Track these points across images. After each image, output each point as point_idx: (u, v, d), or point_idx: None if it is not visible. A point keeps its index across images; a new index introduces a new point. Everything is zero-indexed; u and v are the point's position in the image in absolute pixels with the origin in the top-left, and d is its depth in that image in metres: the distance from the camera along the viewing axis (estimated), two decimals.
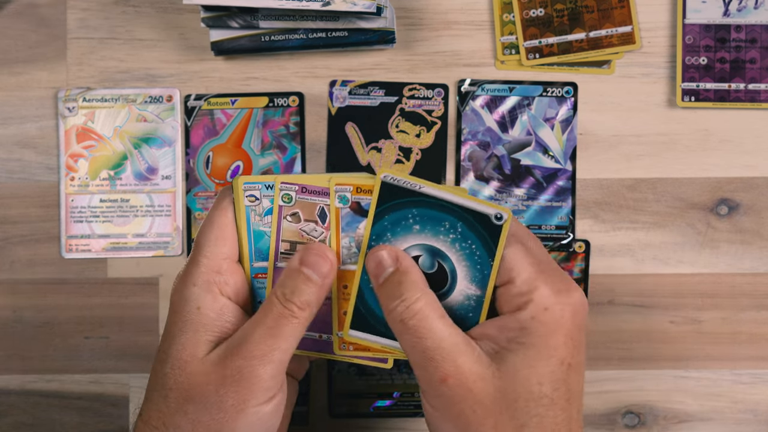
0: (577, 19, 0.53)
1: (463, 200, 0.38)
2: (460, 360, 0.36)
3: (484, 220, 0.38)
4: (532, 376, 0.36)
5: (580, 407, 0.38)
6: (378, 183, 0.39)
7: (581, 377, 0.38)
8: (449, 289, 0.39)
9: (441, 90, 0.53)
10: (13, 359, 0.54)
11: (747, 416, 0.53)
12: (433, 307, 0.37)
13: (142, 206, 0.54)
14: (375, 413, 0.53)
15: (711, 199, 0.53)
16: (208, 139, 0.54)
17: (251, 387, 0.36)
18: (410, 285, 0.37)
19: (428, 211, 0.39)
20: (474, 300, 0.39)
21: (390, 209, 0.39)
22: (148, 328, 0.54)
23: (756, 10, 0.53)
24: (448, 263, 0.39)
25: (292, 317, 0.37)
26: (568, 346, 0.37)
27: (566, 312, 0.37)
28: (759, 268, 0.53)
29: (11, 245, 0.54)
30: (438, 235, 0.39)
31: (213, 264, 0.39)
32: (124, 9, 0.54)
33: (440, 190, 0.39)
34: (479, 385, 0.36)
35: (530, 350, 0.36)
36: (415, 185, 0.39)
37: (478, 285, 0.39)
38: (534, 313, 0.37)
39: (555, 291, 0.37)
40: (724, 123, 0.53)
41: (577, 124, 0.53)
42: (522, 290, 0.37)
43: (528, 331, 0.36)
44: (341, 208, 0.39)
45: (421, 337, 0.36)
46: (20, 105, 0.54)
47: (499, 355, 0.37)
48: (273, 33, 0.51)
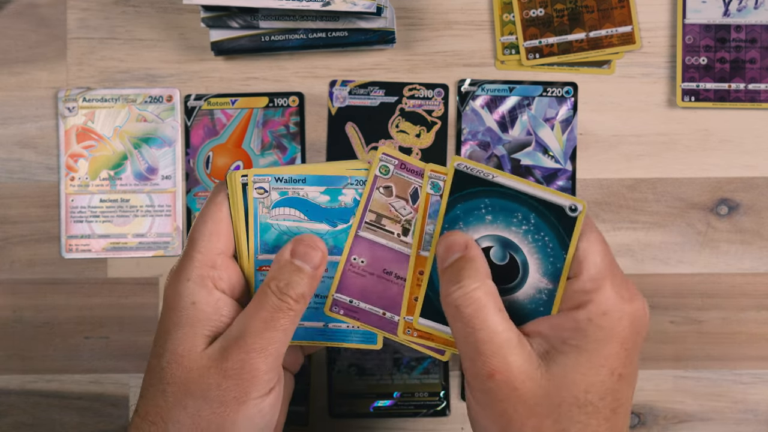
0: (577, 19, 0.53)
1: (537, 191, 0.38)
2: (510, 357, 0.35)
3: (558, 211, 0.37)
4: (580, 382, 0.35)
5: (626, 419, 0.37)
6: (451, 170, 0.38)
7: (631, 388, 0.37)
8: (521, 281, 0.38)
9: (441, 90, 0.53)
10: (13, 359, 0.54)
11: (747, 416, 0.53)
12: (492, 299, 0.36)
13: (142, 206, 0.54)
14: (375, 413, 0.53)
15: (711, 199, 0.53)
16: (208, 139, 0.54)
17: (252, 380, 0.36)
18: (472, 272, 0.36)
19: (501, 202, 0.38)
20: (546, 293, 0.38)
21: (463, 198, 0.38)
22: (148, 328, 0.54)
23: (756, 10, 0.53)
24: (520, 255, 0.38)
25: (288, 309, 0.37)
26: (621, 355, 0.36)
27: (625, 320, 0.36)
28: (759, 268, 0.53)
29: (11, 245, 0.54)
30: (510, 226, 0.38)
31: (207, 259, 0.39)
32: (124, 9, 0.54)
33: (513, 180, 0.38)
34: (526, 385, 0.35)
35: (582, 355, 0.35)
36: (489, 174, 0.38)
37: (550, 278, 0.38)
38: (592, 315, 0.36)
39: (618, 295, 0.36)
40: (724, 123, 0.53)
41: (577, 124, 0.53)
42: (586, 287, 0.36)
43: (583, 334, 0.35)
44: (432, 195, 0.39)
45: (474, 328, 0.35)
46: (20, 105, 0.54)
47: (549, 356, 0.36)
48: (273, 33, 0.51)
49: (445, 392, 0.53)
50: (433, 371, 0.53)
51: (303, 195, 0.40)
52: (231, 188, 0.40)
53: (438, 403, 0.53)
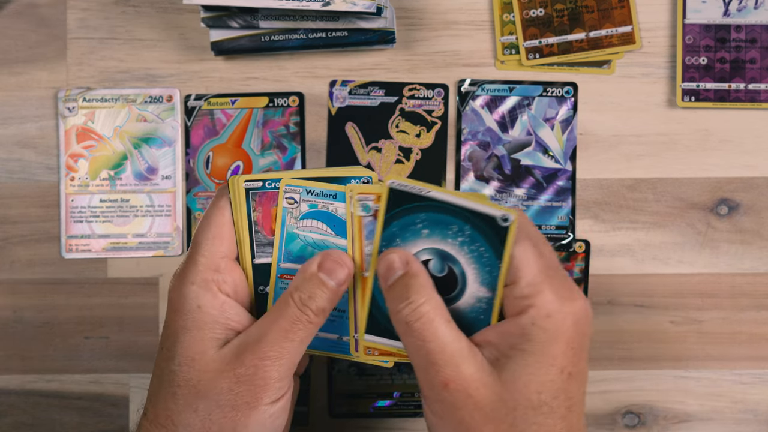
0: (577, 19, 0.53)
1: (470, 203, 0.38)
2: (463, 366, 0.36)
3: (492, 222, 0.38)
4: (531, 384, 0.36)
5: (581, 415, 0.37)
6: (386, 190, 0.39)
7: (582, 385, 0.37)
8: (460, 292, 0.39)
9: (441, 90, 0.53)
10: (13, 359, 0.54)
11: (747, 416, 0.53)
12: (439, 312, 0.37)
13: (142, 206, 0.54)
14: (375, 413, 0.53)
15: (711, 199, 0.53)
16: (208, 139, 0.54)
17: (264, 386, 0.36)
18: (418, 288, 0.37)
19: (436, 215, 0.39)
20: (485, 302, 0.39)
21: (399, 215, 0.39)
22: (148, 328, 0.54)
23: (756, 10, 0.53)
24: (457, 266, 0.39)
25: (308, 322, 0.37)
26: (568, 354, 0.36)
27: (568, 319, 0.36)
28: (759, 268, 0.53)
29: (11, 245, 0.54)
30: (447, 239, 0.39)
31: (211, 263, 0.39)
32: (124, 9, 0.54)
33: (447, 194, 0.39)
34: (480, 392, 0.36)
35: (530, 357, 0.36)
36: (422, 190, 0.39)
37: (489, 287, 0.39)
38: (535, 318, 0.36)
39: (558, 297, 0.37)
40: (724, 123, 0.53)
41: (577, 124, 0.53)
42: (525, 293, 0.37)
43: (528, 338, 0.36)
44: (364, 216, 0.40)
45: (425, 340, 0.36)
46: (20, 105, 0.54)
47: (500, 362, 0.36)
48: (273, 33, 0.51)
49: None
50: None
51: (332, 210, 0.40)
52: (233, 192, 0.40)
53: None
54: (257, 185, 0.40)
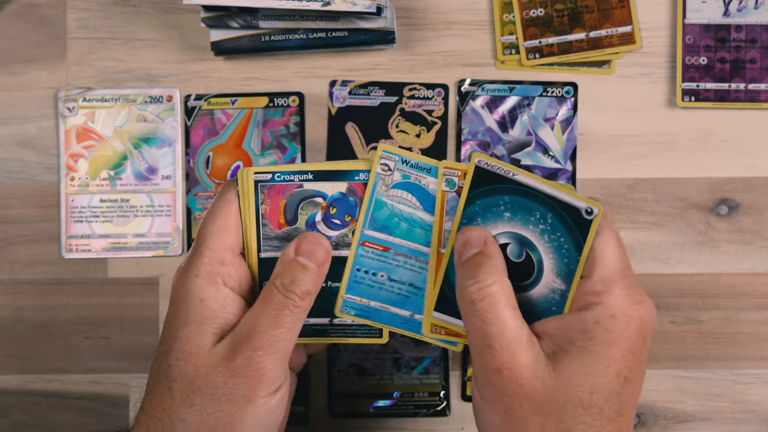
0: (577, 19, 0.53)
1: (554, 191, 0.38)
2: (519, 353, 0.35)
3: (575, 213, 0.38)
4: (585, 383, 0.35)
5: (630, 421, 0.37)
6: (472, 167, 0.38)
7: (637, 392, 0.37)
8: (535, 280, 0.38)
9: (441, 90, 0.53)
10: (13, 359, 0.54)
11: (747, 416, 0.53)
12: (506, 295, 0.36)
13: (142, 206, 0.54)
14: (375, 413, 0.53)
15: (711, 199, 0.53)
16: (208, 139, 0.54)
17: (260, 378, 0.36)
18: (489, 268, 0.37)
19: (520, 200, 0.38)
20: (559, 294, 0.38)
21: (482, 194, 0.39)
22: (148, 328, 0.54)
23: (756, 10, 0.53)
24: (536, 254, 0.38)
25: (294, 307, 0.37)
26: (628, 359, 0.36)
27: (632, 324, 0.36)
28: (759, 268, 0.53)
29: (11, 245, 0.54)
30: (528, 225, 0.38)
31: (216, 255, 0.39)
32: (124, 9, 0.54)
33: (533, 179, 0.38)
34: (532, 383, 0.35)
35: (588, 357, 0.35)
36: (509, 171, 0.38)
37: (564, 279, 0.38)
38: (599, 317, 0.36)
39: (627, 299, 0.36)
40: (724, 123, 0.53)
41: (577, 124, 0.53)
42: (596, 288, 0.37)
43: (590, 336, 0.36)
44: (447, 192, 0.39)
45: (486, 322, 0.36)
46: (20, 105, 0.54)
47: (557, 356, 0.36)
48: (273, 33, 0.51)
49: (445, 392, 0.53)
50: (433, 371, 0.53)
51: (424, 184, 0.40)
52: (242, 185, 0.40)
53: (438, 403, 0.53)
54: (266, 177, 0.40)
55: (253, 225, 0.40)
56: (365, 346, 0.53)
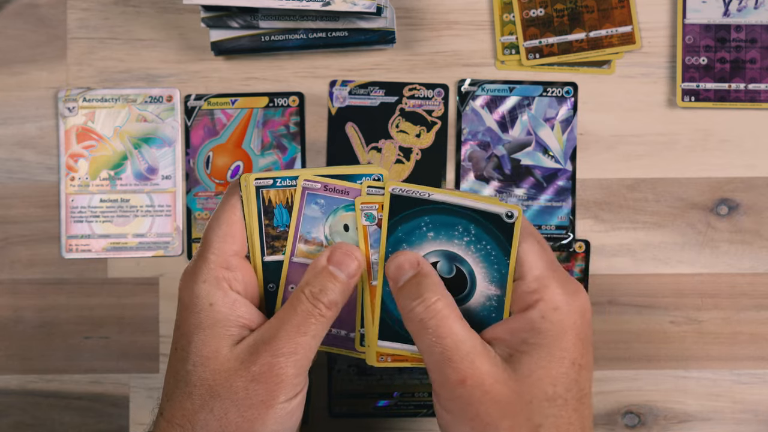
0: (577, 19, 0.53)
1: (472, 202, 0.38)
2: (478, 361, 0.36)
3: (496, 219, 0.38)
4: (545, 377, 0.36)
5: (590, 407, 0.38)
6: (387, 196, 0.39)
7: (591, 377, 0.38)
8: (470, 292, 0.39)
9: (441, 90, 0.53)
10: (13, 359, 0.54)
11: (747, 416, 0.53)
12: (452, 309, 0.37)
13: (142, 206, 0.54)
14: (375, 413, 0.53)
15: (711, 199, 0.53)
16: (208, 139, 0.54)
17: (280, 383, 0.36)
18: (430, 286, 0.37)
19: (441, 217, 0.39)
20: (495, 300, 0.39)
21: (403, 220, 0.39)
22: (148, 328, 0.54)
23: (756, 10, 0.53)
24: (465, 266, 0.39)
25: (320, 316, 0.37)
26: (578, 346, 0.37)
27: (575, 312, 0.37)
28: (759, 268, 0.53)
29: (11, 245, 0.54)
30: (453, 240, 0.39)
31: (222, 260, 0.39)
32: (124, 9, 0.54)
33: (449, 195, 0.39)
34: (496, 387, 0.36)
35: (542, 351, 0.36)
36: (424, 193, 0.39)
37: (498, 285, 0.39)
38: (544, 312, 0.37)
39: (564, 290, 0.37)
40: (724, 123, 0.53)
41: (577, 124, 0.53)
42: (532, 287, 0.38)
43: (539, 331, 0.37)
44: (368, 226, 0.40)
45: (440, 337, 0.36)
46: (20, 105, 0.54)
47: (513, 358, 0.37)
48: (273, 33, 0.51)
49: None
50: None
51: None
52: (245, 190, 0.40)
53: None
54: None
55: (256, 229, 0.40)
56: None
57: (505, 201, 0.51)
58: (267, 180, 0.40)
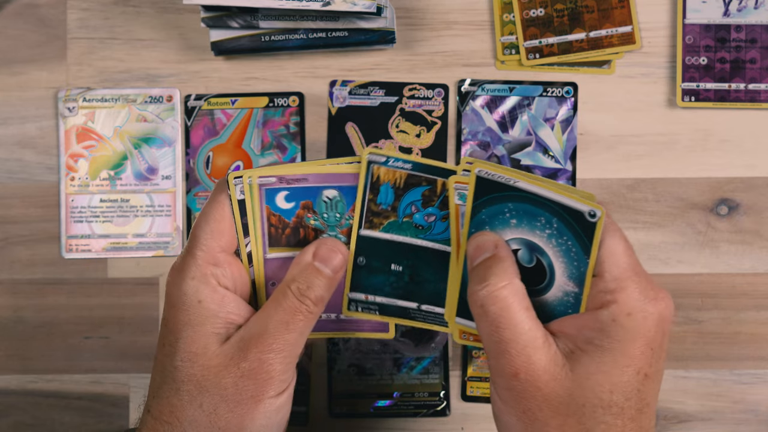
0: (577, 19, 0.53)
1: (556, 195, 0.37)
2: (535, 356, 0.35)
3: (578, 216, 0.37)
4: (604, 382, 0.35)
5: (652, 418, 0.36)
6: (473, 177, 0.38)
7: (657, 388, 0.37)
8: (548, 284, 0.38)
9: (441, 90, 0.53)
10: (13, 359, 0.54)
11: (747, 416, 0.53)
12: (518, 298, 0.36)
13: (142, 206, 0.54)
14: (375, 413, 0.53)
15: (711, 199, 0.53)
16: (208, 139, 0.54)
17: (268, 380, 0.36)
18: (500, 270, 0.36)
19: (524, 206, 0.38)
20: (572, 297, 0.38)
21: (487, 203, 0.38)
22: (148, 328, 0.54)
23: (756, 10, 0.53)
24: (546, 258, 0.38)
25: (307, 312, 0.37)
26: (647, 355, 0.35)
27: (650, 320, 0.35)
28: (759, 268, 0.53)
29: (11, 245, 0.54)
30: (535, 230, 0.38)
31: (209, 257, 0.38)
32: (124, 9, 0.54)
33: (533, 185, 0.38)
34: (550, 385, 0.35)
35: (606, 355, 0.35)
36: (510, 179, 0.38)
37: (576, 282, 0.38)
38: (616, 315, 0.35)
39: (643, 295, 0.36)
40: (724, 123, 0.53)
41: (577, 124, 0.53)
42: (609, 287, 0.36)
43: (607, 335, 0.35)
44: (460, 205, 0.39)
45: (499, 327, 0.35)
46: (20, 105, 0.54)
47: (574, 356, 0.35)
48: (273, 33, 0.51)
49: (445, 392, 0.53)
50: (433, 371, 0.53)
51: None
52: (232, 188, 0.40)
53: (438, 403, 0.53)
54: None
55: (258, 226, 0.40)
56: (365, 346, 0.53)
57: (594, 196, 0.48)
58: (380, 157, 0.40)
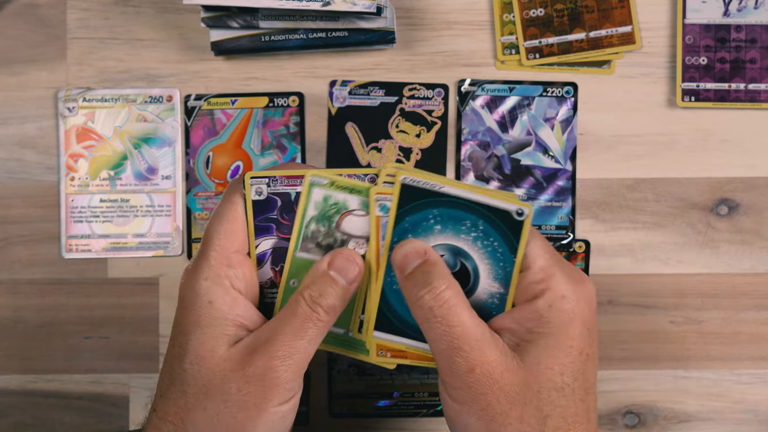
0: (577, 19, 0.53)
1: (484, 198, 0.38)
2: (488, 350, 0.36)
3: (506, 216, 0.38)
4: (553, 365, 0.36)
5: (595, 398, 0.38)
6: (398, 185, 0.38)
7: (596, 367, 0.38)
8: (472, 287, 0.39)
9: (441, 90, 0.53)
10: (13, 359, 0.54)
11: (747, 416, 0.53)
12: (461, 297, 0.37)
13: (142, 206, 0.54)
14: (375, 413, 0.53)
15: (711, 199, 0.53)
16: (208, 139, 0.54)
17: (273, 387, 0.36)
18: (438, 274, 0.37)
19: (449, 211, 0.38)
20: (497, 297, 0.39)
21: (411, 210, 0.39)
22: (148, 328, 0.54)
23: (756, 10, 0.53)
24: (470, 262, 0.39)
25: (318, 320, 0.37)
26: (585, 335, 0.37)
27: (582, 301, 0.37)
28: (759, 268, 0.53)
29: (11, 245, 0.54)
30: (460, 234, 0.39)
31: (223, 258, 0.38)
32: (124, 9, 0.54)
33: (460, 189, 0.38)
34: (505, 376, 0.36)
35: (550, 339, 0.36)
36: (435, 185, 0.38)
37: (501, 282, 0.39)
38: (551, 300, 0.37)
39: (570, 279, 0.37)
40: (724, 123, 0.53)
41: (577, 124, 0.53)
42: (538, 277, 0.38)
43: (546, 320, 0.37)
44: (381, 217, 0.39)
45: (450, 325, 0.36)
46: (20, 105, 0.54)
47: (520, 347, 0.37)
48: (273, 33, 0.51)
49: None
50: (433, 371, 0.53)
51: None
52: (247, 188, 0.40)
53: (438, 403, 0.53)
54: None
55: (297, 225, 0.40)
56: None
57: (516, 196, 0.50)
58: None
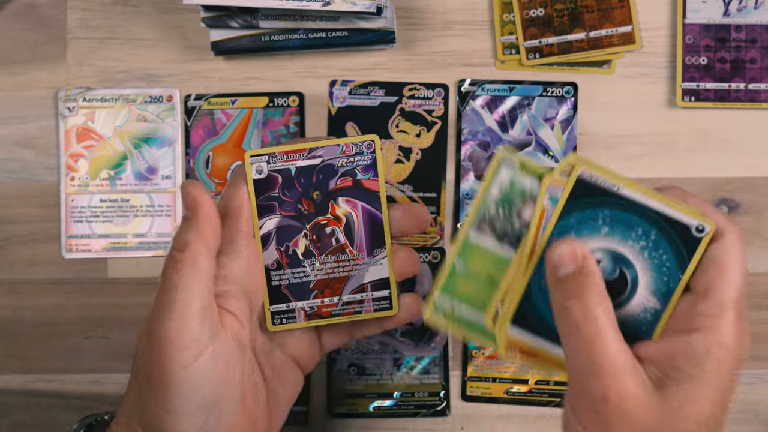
0: (577, 19, 0.53)
1: (665, 207, 0.35)
2: (626, 380, 0.33)
3: (683, 230, 0.35)
4: (695, 414, 0.33)
5: None
6: (573, 178, 0.36)
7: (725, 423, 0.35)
8: (627, 298, 0.36)
9: (441, 90, 0.53)
10: (13, 359, 0.54)
11: (747, 416, 0.53)
12: (611, 318, 0.34)
13: (142, 206, 0.54)
14: (375, 413, 0.53)
15: (711, 199, 0.53)
16: (208, 139, 0.54)
17: (163, 349, 0.35)
18: (593, 287, 0.34)
19: (621, 214, 0.36)
20: (651, 314, 0.36)
21: (580, 207, 0.36)
22: None
23: (756, 10, 0.53)
24: (631, 271, 0.36)
25: (175, 263, 0.36)
26: (730, 389, 0.34)
27: (737, 353, 0.34)
28: (759, 268, 0.53)
29: (11, 245, 0.54)
30: (627, 240, 0.36)
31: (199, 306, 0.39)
32: (124, 9, 0.54)
33: (639, 193, 0.35)
34: (639, 413, 0.33)
35: (698, 387, 0.33)
36: (614, 185, 0.36)
37: (660, 298, 0.36)
38: (710, 345, 0.33)
39: (737, 327, 0.34)
40: (724, 123, 0.53)
41: (577, 124, 0.53)
42: (710, 311, 0.34)
43: (698, 363, 0.33)
44: (548, 209, 0.36)
45: (593, 348, 0.33)
46: (20, 105, 0.54)
47: (662, 384, 0.33)
48: (273, 33, 0.51)
49: (445, 392, 0.53)
50: (433, 371, 0.53)
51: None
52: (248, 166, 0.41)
53: (438, 403, 0.53)
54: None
55: (477, 204, 0.37)
56: (365, 346, 0.53)
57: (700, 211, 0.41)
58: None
